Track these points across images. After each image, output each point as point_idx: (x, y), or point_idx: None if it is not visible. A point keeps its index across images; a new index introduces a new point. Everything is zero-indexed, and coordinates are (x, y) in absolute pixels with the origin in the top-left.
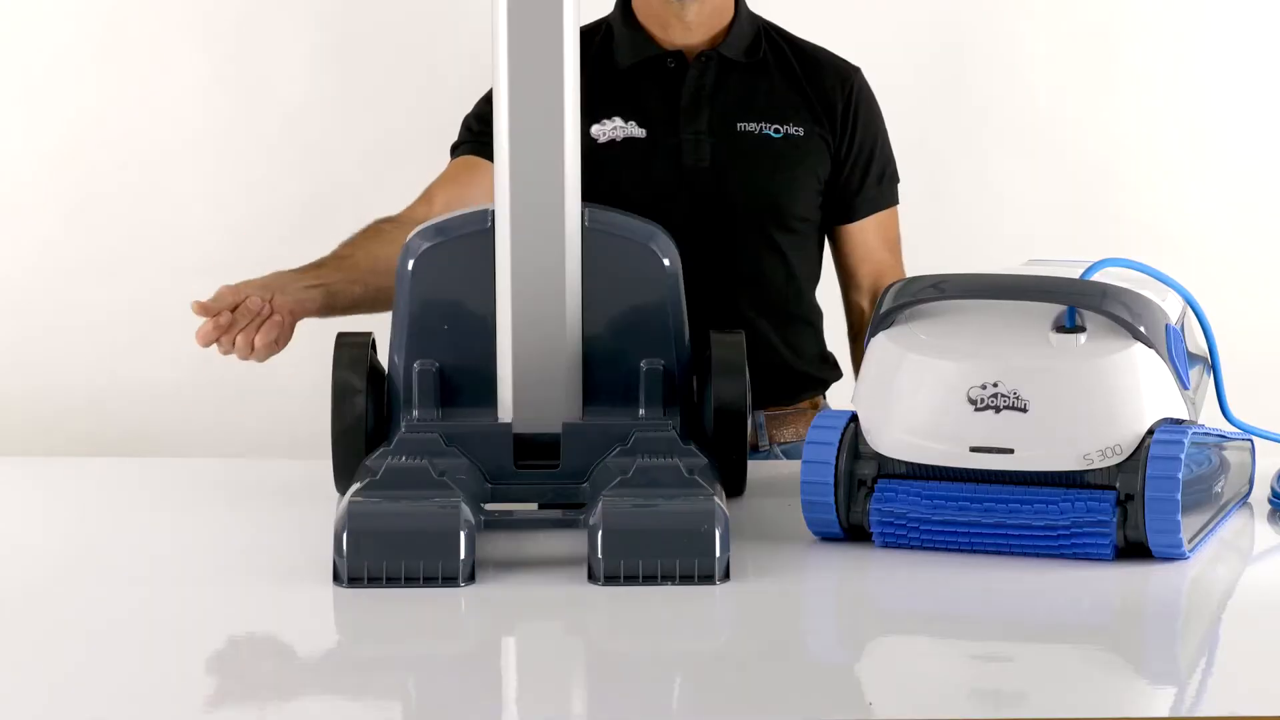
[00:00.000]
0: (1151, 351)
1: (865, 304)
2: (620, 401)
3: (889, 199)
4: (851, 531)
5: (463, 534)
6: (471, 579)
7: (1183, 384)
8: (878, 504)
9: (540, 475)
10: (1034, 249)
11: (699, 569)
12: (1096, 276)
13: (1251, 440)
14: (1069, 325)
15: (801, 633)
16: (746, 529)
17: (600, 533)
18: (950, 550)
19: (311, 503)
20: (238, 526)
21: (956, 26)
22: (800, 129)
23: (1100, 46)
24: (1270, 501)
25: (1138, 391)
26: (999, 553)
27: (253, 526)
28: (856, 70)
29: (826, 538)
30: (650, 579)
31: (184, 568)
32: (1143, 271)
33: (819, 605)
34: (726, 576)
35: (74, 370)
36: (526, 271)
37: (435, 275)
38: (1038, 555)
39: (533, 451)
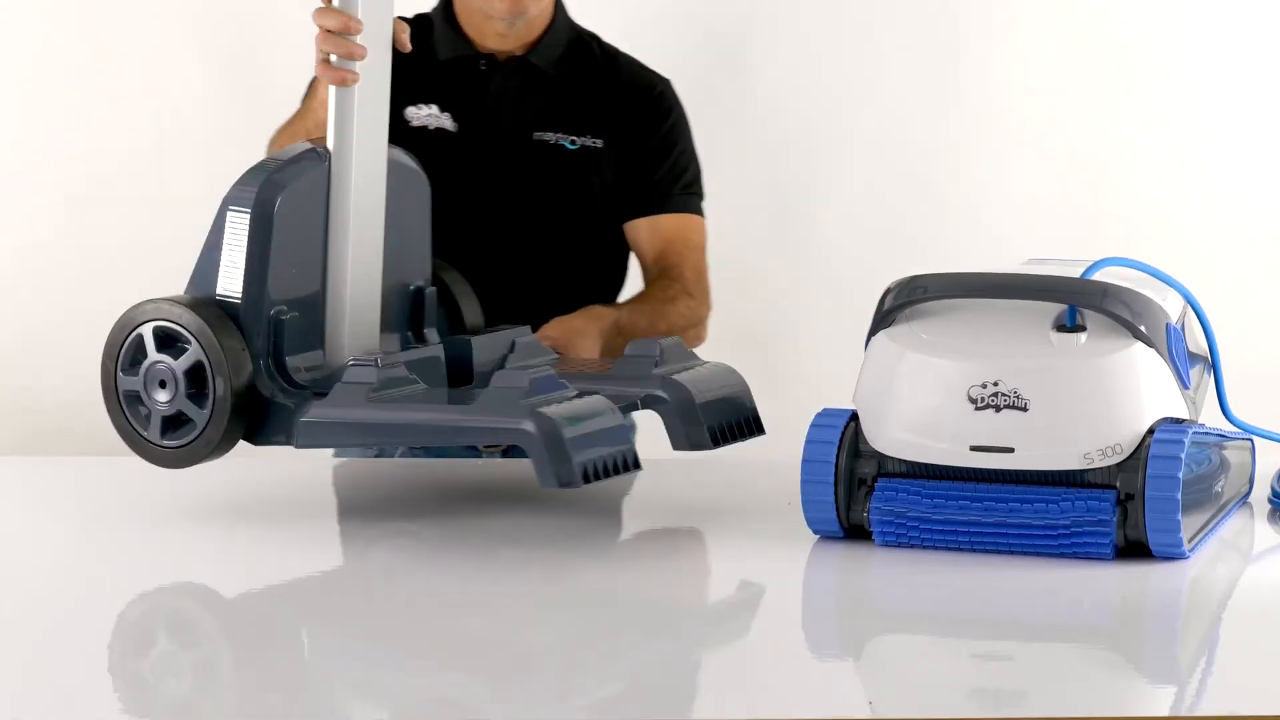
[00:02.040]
0: (1152, 351)
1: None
2: (398, 326)
3: (689, 207)
4: (851, 531)
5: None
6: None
7: (1183, 383)
8: (878, 503)
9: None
10: (1034, 248)
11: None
12: (1097, 276)
13: (1252, 440)
14: (1069, 324)
15: (801, 632)
16: (746, 528)
17: (697, 403)
18: (950, 549)
19: (313, 500)
20: (241, 525)
21: (955, 27)
22: (598, 140)
23: (1101, 46)
24: (1270, 501)
25: (1138, 391)
26: (999, 552)
27: (258, 524)
28: (664, 83)
29: (826, 537)
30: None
31: (185, 566)
32: (1143, 271)
33: (819, 604)
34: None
35: (74, 370)
36: (364, 207)
37: (287, 218)
38: (1038, 554)
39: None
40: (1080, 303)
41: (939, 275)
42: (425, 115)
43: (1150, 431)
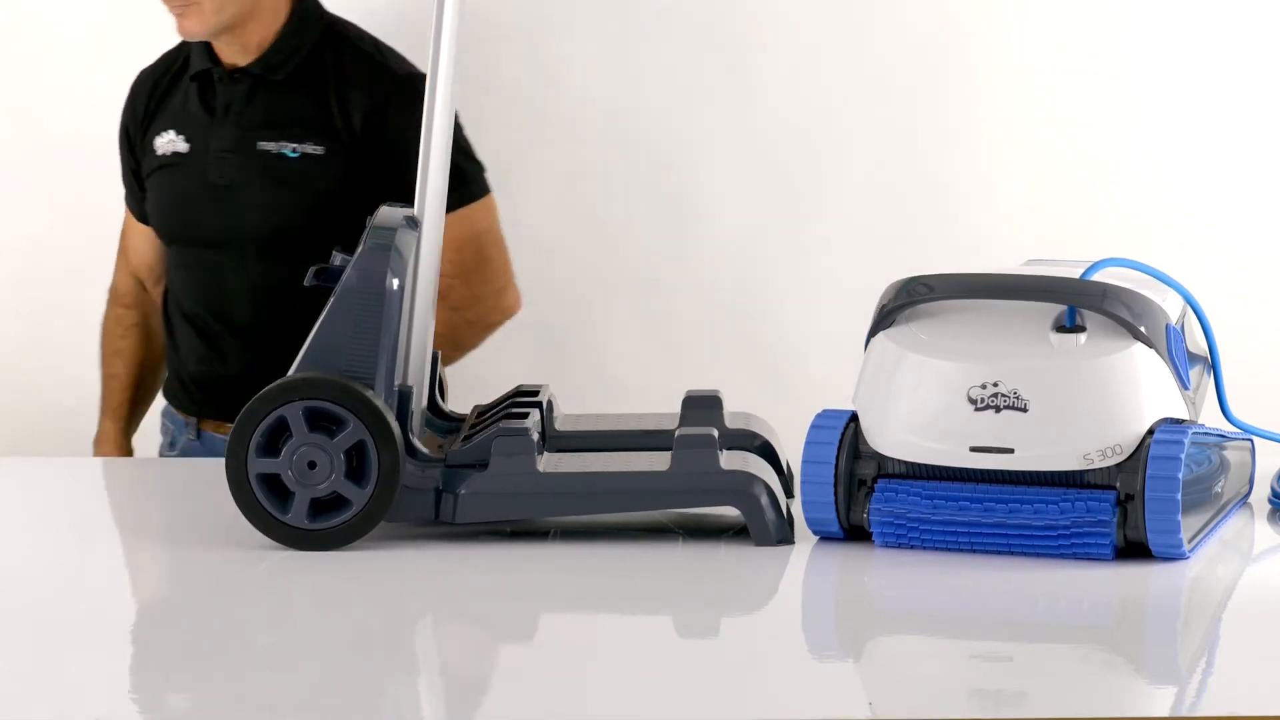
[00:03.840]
0: (1152, 351)
1: None
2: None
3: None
4: (851, 531)
5: None
6: None
7: (1183, 384)
8: (878, 504)
9: None
10: (1033, 249)
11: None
12: (1096, 276)
13: (1251, 440)
14: (1069, 325)
15: (801, 632)
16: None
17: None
18: (950, 550)
19: None
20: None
21: (955, 27)
22: (320, 147)
23: (1099, 46)
24: (1270, 501)
25: (1138, 391)
26: (999, 553)
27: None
28: (400, 80)
29: (826, 537)
30: None
31: (185, 565)
32: (1142, 271)
33: (819, 605)
34: None
35: (71, 371)
36: (431, 277)
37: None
38: (1038, 555)
39: None
40: (1080, 303)
41: (938, 276)
42: (165, 143)
43: (1150, 432)
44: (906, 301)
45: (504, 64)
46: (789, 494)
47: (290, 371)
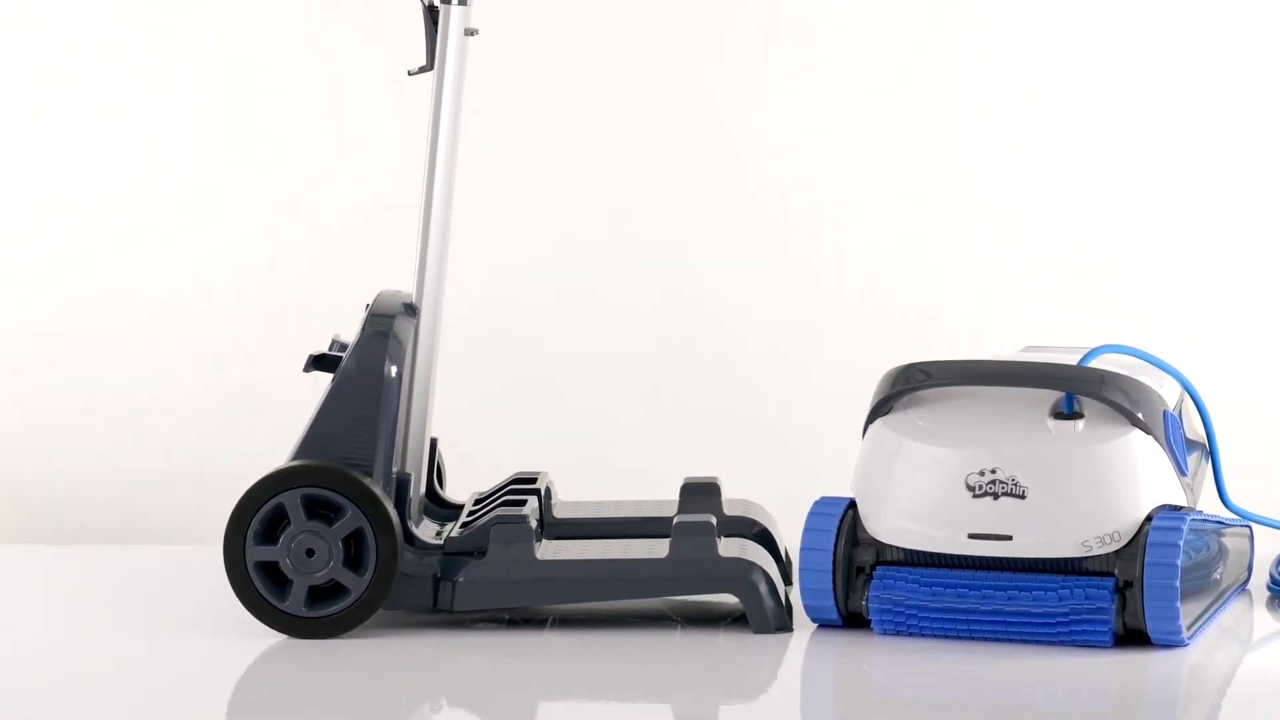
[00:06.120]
0: (1149, 438)
1: None
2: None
3: None
4: (850, 619)
5: None
6: None
7: (1181, 470)
8: (876, 591)
9: None
10: (1031, 335)
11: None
12: (1094, 363)
13: (1250, 526)
14: (1067, 411)
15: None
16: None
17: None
18: (949, 637)
19: None
20: (238, 612)
21: (955, 113)
22: None
23: (1095, 129)
24: (1269, 588)
25: (1136, 478)
26: (998, 640)
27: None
28: None
29: (825, 625)
30: None
31: (182, 652)
32: (1140, 358)
33: (818, 693)
34: None
35: (65, 457)
36: (430, 362)
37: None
38: (1036, 642)
39: None
40: (1077, 390)
41: (936, 363)
42: None
43: (1148, 519)
44: (904, 388)
45: (501, 139)
46: (787, 581)
47: (288, 458)
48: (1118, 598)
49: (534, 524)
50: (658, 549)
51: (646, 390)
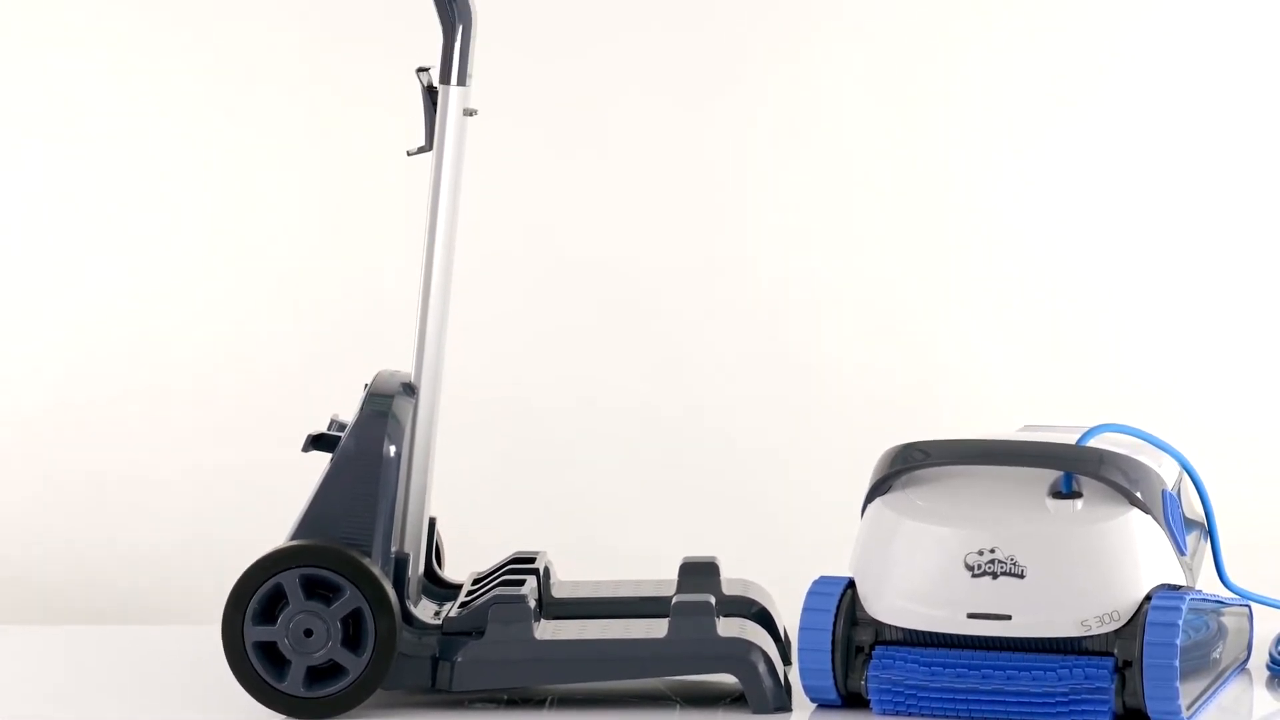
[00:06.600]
0: (1148, 517)
1: None
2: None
3: None
4: (849, 699)
5: None
6: None
7: (1180, 549)
8: (875, 671)
9: None
10: (1029, 414)
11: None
12: (1092, 442)
13: (1249, 606)
14: (1065, 491)
15: None
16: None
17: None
18: (949, 718)
19: None
20: (236, 692)
21: (948, 192)
22: None
23: (1092, 208)
24: (1268, 667)
25: (1135, 557)
26: None
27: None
28: None
29: (824, 705)
30: None
31: None
32: (1138, 437)
33: None
34: None
35: (62, 537)
36: (429, 439)
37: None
38: None
39: None
40: (1076, 469)
41: (934, 442)
42: None
43: (1147, 598)
44: (903, 467)
45: (499, 219)
46: (787, 661)
47: (287, 538)
48: (1117, 677)
49: (533, 604)
50: (657, 629)
51: (645, 469)
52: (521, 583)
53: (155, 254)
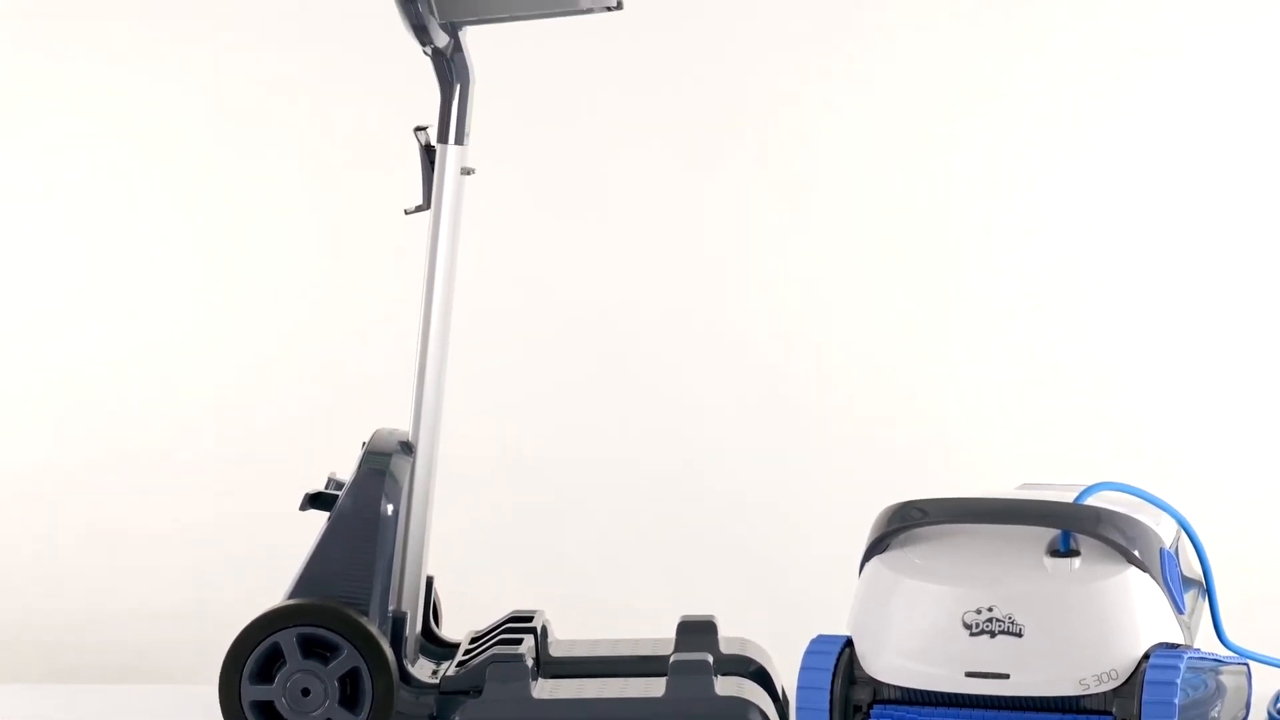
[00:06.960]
0: (1146, 576)
1: None
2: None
3: None
4: None
5: None
6: None
7: (1178, 608)
8: None
9: None
10: (1027, 473)
11: None
12: (1090, 500)
13: (1247, 664)
14: (1063, 549)
15: None
16: None
17: None
18: None
19: None
20: None
21: (943, 248)
22: None
23: (1093, 265)
24: None
25: (1133, 616)
26: None
27: None
28: None
29: None
30: None
31: None
32: (1136, 495)
33: None
34: None
35: (58, 596)
36: (427, 495)
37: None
38: None
39: None
40: (1074, 528)
41: (932, 501)
42: None
43: (1146, 657)
44: (900, 526)
45: (497, 276)
46: None
47: (284, 597)
48: None
49: (530, 663)
50: (654, 688)
51: (643, 527)
52: (519, 641)
53: (153, 311)
